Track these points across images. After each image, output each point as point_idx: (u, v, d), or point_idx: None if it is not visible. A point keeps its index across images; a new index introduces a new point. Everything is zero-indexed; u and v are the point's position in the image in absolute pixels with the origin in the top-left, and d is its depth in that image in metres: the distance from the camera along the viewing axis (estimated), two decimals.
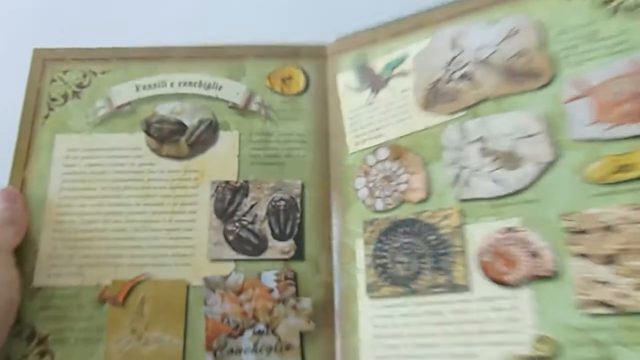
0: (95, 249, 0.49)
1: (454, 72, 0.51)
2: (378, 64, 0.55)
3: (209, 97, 0.55)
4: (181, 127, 0.54)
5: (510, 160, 0.46)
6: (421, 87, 0.52)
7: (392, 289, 0.46)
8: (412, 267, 0.46)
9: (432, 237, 0.46)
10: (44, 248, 0.49)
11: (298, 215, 0.51)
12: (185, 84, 0.56)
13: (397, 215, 0.49)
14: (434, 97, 0.51)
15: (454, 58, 0.51)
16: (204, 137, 0.54)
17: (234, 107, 0.55)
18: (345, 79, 0.56)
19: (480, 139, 0.48)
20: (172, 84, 0.56)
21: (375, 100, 0.54)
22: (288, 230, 0.50)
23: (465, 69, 0.50)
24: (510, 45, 0.48)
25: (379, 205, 0.50)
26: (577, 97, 0.44)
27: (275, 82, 0.56)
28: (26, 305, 0.47)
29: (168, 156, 0.53)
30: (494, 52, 0.49)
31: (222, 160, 0.53)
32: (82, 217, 0.50)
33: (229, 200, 0.51)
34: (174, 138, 0.53)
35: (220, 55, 0.57)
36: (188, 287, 0.48)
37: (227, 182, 0.52)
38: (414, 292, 0.45)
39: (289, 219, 0.51)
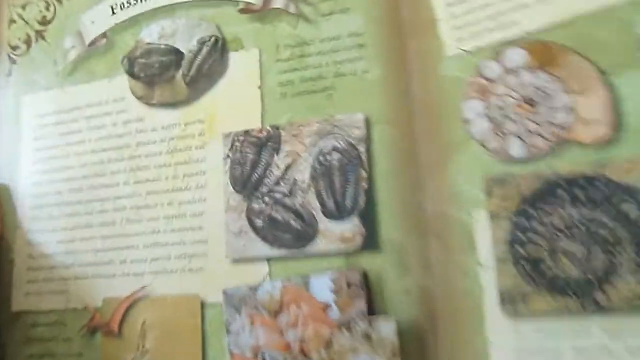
0: (78, 253, 0.34)
1: None
2: None
3: (209, 2, 0.35)
4: (175, 57, 0.35)
5: None
6: None
7: (552, 302, 0.24)
8: (592, 262, 0.23)
9: (632, 208, 0.22)
10: (20, 256, 0.35)
11: (364, 174, 0.30)
12: None
13: (554, 167, 0.26)
14: None
15: None
16: (208, 65, 0.34)
17: (247, 9, 0.34)
18: None
19: None
20: None
21: None
22: (349, 202, 0.30)
23: None
24: None
25: (516, 149, 0.27)
26: None
27: None
28: (5, 336, 0.34)
29: (161, 104, 0.35)
30: None
31: (236, 97, 0.33)
32: (60, 208, 0.35)
33: (251, 160, 0.32)
34: (167, 75, 0.35)
35: None
36: (203, 306, 0.31)
37: (246, 133, 0.32)
38: (598, 310, 0.22)
39: (348, 182, 0.30)
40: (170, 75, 0.35)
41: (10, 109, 0.38)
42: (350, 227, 0.29)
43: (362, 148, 0.30)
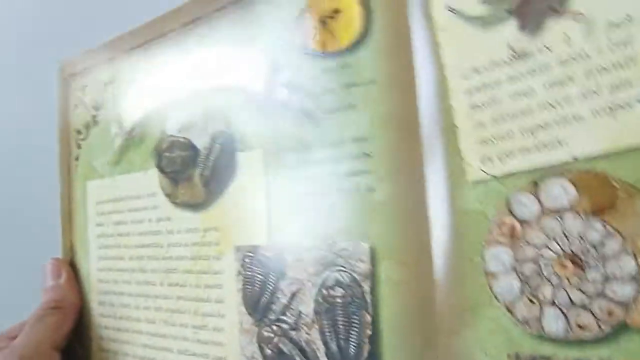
0: (128, 345, 0.37)
1: None
2: None
3: (220, 89, 0.32)
4: (193, 153, 0.33)
5: None
6: None
7: None
8: None
9: None
10: (95, 344, 0.40)
11: (368, 318, 0.25)
12: (189, 72, 0.34)
13: (607, 357, 0.18)
14: None
15: None
16: (221, 164, 0.32)
17: (251, 102, 0.30)
18: None
19: None
20: (175, 77, 0.35)
21: (533, 46, 0.21)
22: (352, 349, 0.26)
23: None
24: None
25: (554, 324, 0.20)
26: None
27: (311, 31, 0.28)
28: None
29: (184, 205, 0.34)
30: None
31: (245, 207, 0.30)
32: (117, 297, 0.38)
33: (259, 282, 0.29)
34: (187, 173, 0.34)
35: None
36: None
37: (254, 249, 0.30)
38: None
39: (352, 324, 0.26)
40: (189, 173, 0.33)
41: (79, 194, 0.42)
42: None
43: (366, 286, 0.25)
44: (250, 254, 0.30)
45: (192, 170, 0.33)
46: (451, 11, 0.23)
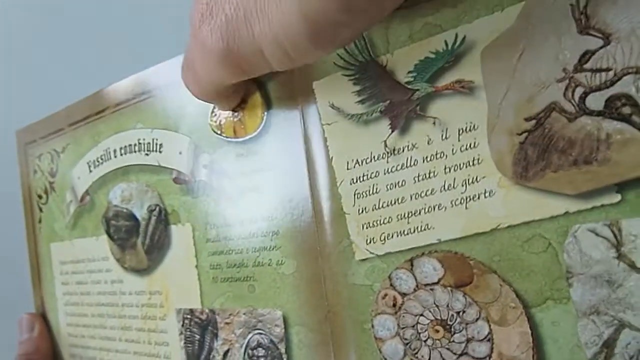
0: None
1: (589, 92, 0.18)
2: (400, 62, 0.23)
3: (152, 168, 0.35)
4: (135, 222, 0.37)
5: None
6: (505, 125, 0.20)
7: None
8: None
9: None
10: None
11: None
12: (125, 149, 0.37)
13: None
14: (538, 152, 0.20)
15: (586, 56, 0.17)
16: (157, 236, 0.35)
17: (178, 179, 0.33)
18: (331, 92, 0.26)
19: None
20: (115, 153, 0.38)
21: (402, 144, 0.24)
22: None
23: (620, 86, 0.16)
24: None
25: None
26: None
27: (225, 120, 0.31)
28: None
29: (131, 269, 0.37)
30: None
31: (180, 274, 0.34)
32: (85, 351, 0.42)
33: (198, 342, 0.33)
34: (131, 241, 0.37)
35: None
36: None
37: (192, 312, 0.33)
38: None
39: None
40: (133, 241, 0.37)
41: (44, 254, 0.45)
42: None
43: (282, 348, 0.29)
44: (188, 316, 0.33)
45: (135, 238, 0.36)
46: (334, 108, 0.26)
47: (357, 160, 0.26)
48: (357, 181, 0.26)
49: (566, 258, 0.20)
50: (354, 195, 0.26)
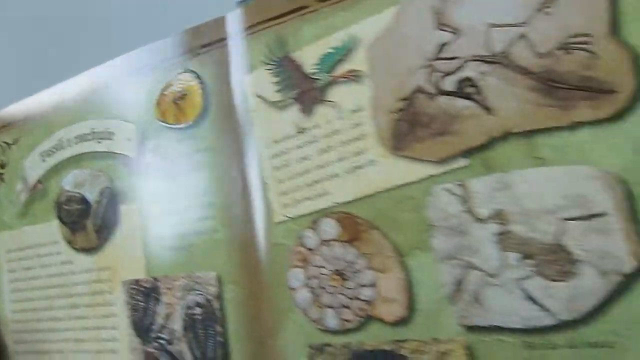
0: None
1: (444, 77, 0.23)
2: (307, 56, 0.29)
3: (104, 154, 0.39)
4: (86, 206, 0.40)
5: (557, 261, 0.20)
6: (384, 105, 0.25)
7: None
8: None
9: None
10: None
11: (219, 329, 0.33)
12: (79, 138, 0.41)
13: (361, 341, 0.27)
14: (408, 126, 0.25)
15: (442, 47, 0.22)
16: (108, 216, 0.39)
17: (127, 164, 0.38)
18: (257, 84, 0.32)
19: (499, 216, 0.21)
20: (69, 142, 0.41)
21: (308, 124, 0.29)
22: (210, 354, 0.33)
23: (466, 71, 0.22)
24: (552, 22, 0.18)
25: (331, 320, 0.29)
26: None
27: (167, 109, 0.36)
28: None
29: (82, 249, 0.41)
30: (521, 38, 0.20)
31: (128, 249, 0.38)
32: (32, 335, 0.44)
33: (142, 308, 0.37)
34: (82, 223, 0.40)
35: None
36: None
37: (137, 282, 0.37)
38: None
39: (209, 335, 0.34)
40: (84, 223, 0.40)
41: None
42: None
43: (217, 305, 0.33)
44: (134, 287, 0.37)
45: (86, 220, 0.40)
46: (258, 97, 0.32)
47: (274, 139, 0.31)
48: (274, 157, 0.31)
49: (430, 213, 0.26)
50: (273, 169, 0.31)
